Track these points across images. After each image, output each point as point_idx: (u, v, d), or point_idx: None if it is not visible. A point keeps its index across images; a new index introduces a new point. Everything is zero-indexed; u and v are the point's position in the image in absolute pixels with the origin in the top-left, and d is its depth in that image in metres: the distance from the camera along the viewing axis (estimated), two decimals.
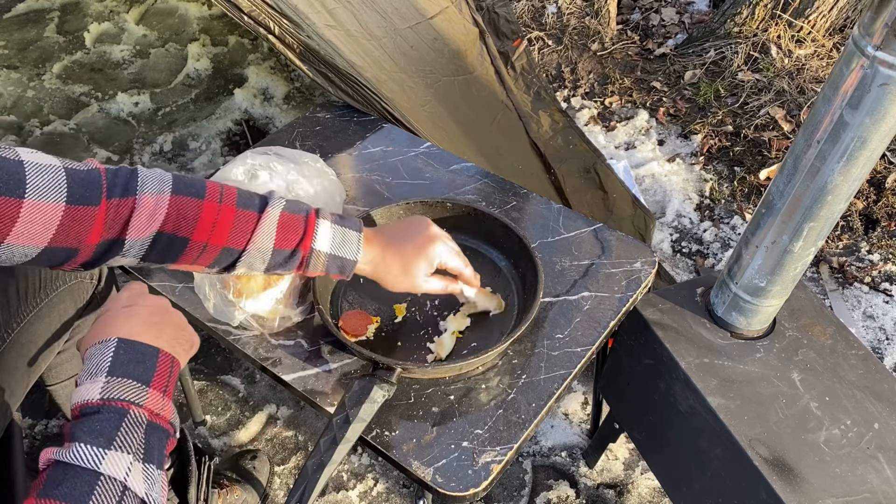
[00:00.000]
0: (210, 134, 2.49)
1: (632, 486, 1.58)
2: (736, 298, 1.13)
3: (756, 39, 2.64)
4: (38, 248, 0.75)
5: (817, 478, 1.00)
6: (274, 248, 0.89)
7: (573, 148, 1.99)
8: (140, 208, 0.81)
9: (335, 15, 1.52)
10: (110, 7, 3.09)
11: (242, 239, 0.87)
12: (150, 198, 0.81)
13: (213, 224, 0.85)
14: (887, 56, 0.80)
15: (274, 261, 0.90)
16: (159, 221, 0.82)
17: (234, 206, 0.87)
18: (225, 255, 0.88)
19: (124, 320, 0.79)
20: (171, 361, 0.78)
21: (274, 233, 0.88)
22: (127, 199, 0.80)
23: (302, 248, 0.90)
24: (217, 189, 0.87)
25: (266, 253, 0.89)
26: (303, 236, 0.90)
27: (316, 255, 0.91)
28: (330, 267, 0.93)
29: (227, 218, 0.86)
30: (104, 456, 0.66)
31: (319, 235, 0.91)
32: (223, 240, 0.86)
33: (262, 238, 0.88)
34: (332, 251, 0.92)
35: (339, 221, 0.93)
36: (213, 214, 0.85)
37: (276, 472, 1.59)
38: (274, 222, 0.88)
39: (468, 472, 0.93)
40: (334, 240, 0.92)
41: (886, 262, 2.06)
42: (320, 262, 0.92)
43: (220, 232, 0.86)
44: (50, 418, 1.66)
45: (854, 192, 0.96)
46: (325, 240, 0.91)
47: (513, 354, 1.07)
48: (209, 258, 0.88)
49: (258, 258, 0.89)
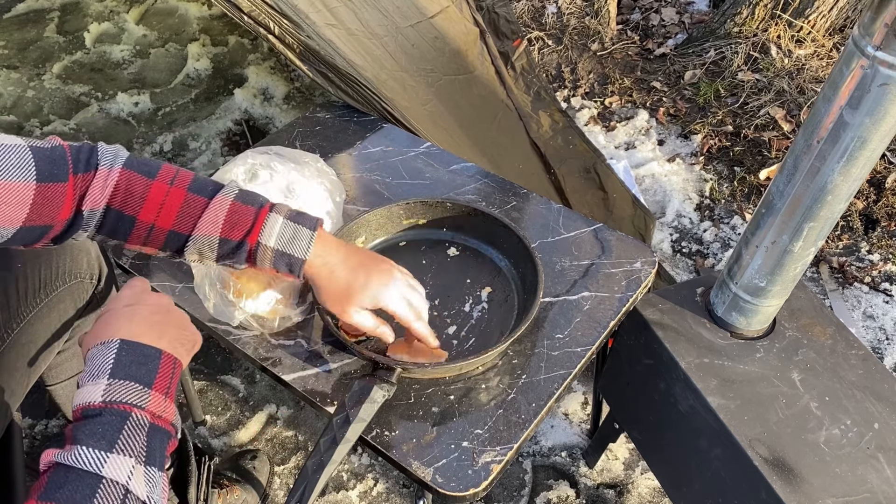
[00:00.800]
0: (210, 134, 2.49)
1: (632, 486, 1.58)
2: (736, 298, 1.13)
3: (756, 39, 2.64)
4: (14, 229, 0.76)
5: (817, 478, 1.00)
6: (220, 236, 0.87)
7: (573, 148, 1.99)
8: (96, 179, 0.83)
9: (336, 14, 1.52)
10: (110, 7, 3.09)
11: (189, 223, 0.86)
12: (104, 170, 0.83)
13: (160, 205, 0.85)
14: (887, 56, 0.80)
15: (222, 250, 0.88)
16: (109, 192, 0.83)
17: (185, 190, 0.86)
18: (172, 238, 0.87)
19: (127, 320, 0.78)
20: (173, 363, 0.77)
21: (221, 221, 0.87)
22: (89, 174, 0.83)
23: (249, 240, 0.88)
24: (171, 172, 0.87)
25: (213, 241, 0.87)
26: (251, 228, 0.88)
27: (262, 249, 0.89)
28: (278, 263, 0.90)
29: (175, 201, 0.86)
30: (106, 459, 0.66)
31: (267, 228, 0.88)
32: (169, 223, 0.86)
33: (209, 225, 0.86)
34: (280, 246, 0.89)
35: (294, 217, 0.91)
36: (160, 195, 0.85)
37: (276, 472, 1.59)
38: (223, 210, 0.87)
39: (468, 472, 0.93)
40: (283, 235, 0.89)
41: (886, 262, 2.06)
42: (267, 257, 0.90)
43: (167, 215, 0.86)
44: (50, 418, 1.66)
45: (854, 192, 0.96)
46: (273, 234, 0.89)
47: (513, 354, 1.07)
48: (158, 240, 0.87)
49: (206, 245, 0.88)
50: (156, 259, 1.22)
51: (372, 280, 0.93)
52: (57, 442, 1.61)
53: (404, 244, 1.23)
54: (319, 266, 0.92)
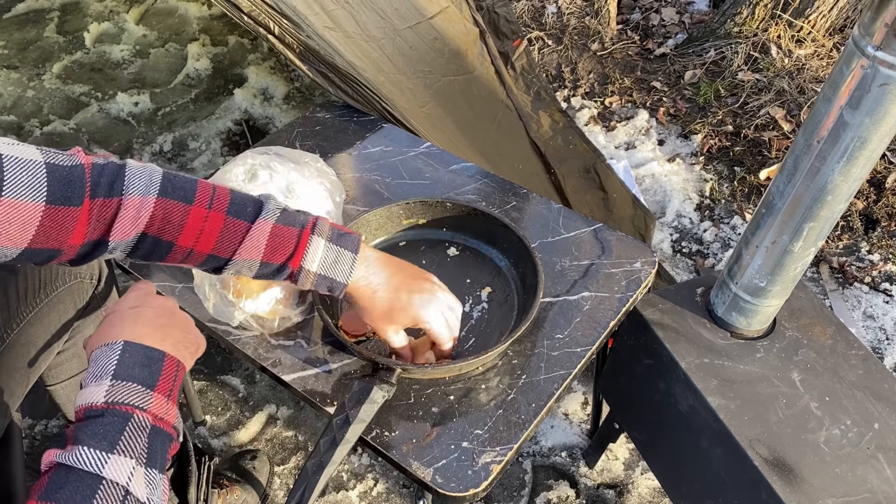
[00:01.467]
0: (210, 134, 2.49)
1: (632, 486, 1.58)
2: (736, 298, 1.13)
3: (756, 39, 2.64)
4: (18, 250, 0.72)
5: (817, 478, 1.00)
6: (262, 260, 0.86)
7: (573, 148, 1.99)
8: (125, 209, 0.78)
9: (334, 17, 1.52)
10: (110, 7, 3.09)
11: (229, 249, 0.85)
12: (136, 199, 0.79)
13: (199, 231, 0.83)
14: (887, 56, 0.80)
15: (262, 272, 0.88)
16: (143, 223, 0.80)
17: (224, 213, 0.84)
18: (210, 261, 0.87)
19: (131, 322, 0.78)
20: (176, 365, 0.77)
21: (263, 246, 0.85)
22: (112, 200, 0.77)
23: (291, 265, 0.87)
24: (208, 193, 0.84)
25: (253, 264, 0.87)
26: (293, 253, 0.87)
27: (305, 273, 0.88)
28: (319, 286, 0.90)
29: (214, 225, 0.83)
30: (107, 460, 0.66)
31: (310, 253, 0.87)
32: (209, 247, 0.84)
33: (250, 250, 0.85)
34: (322, 271, 0.89)
35: (336, 239, 0.90)
36: (200, 221, 0.82)
37: (276, 472, 1.59)
38: (264, 235, 0.85)
39: (468, 472, 0.93)
40: (326, 259, 0.88)
41: (886, 262, 2.06)
42: (310, 279, 0.89)
43: (206, 240, 0.83)
44: (50, 418, 1.66)
45: (854, 192, 0.96)
46: (315, 258, 0.88)
47: (513, 354, 1.07)
48: (195, 261, 0.87)
49: (245, 267, 0.87)
50: None
51: (413, 301, 0.93)
52: (58, 442, 1.61)
53: (404, 244, 1.23)
54: (363, 287, 0.92)
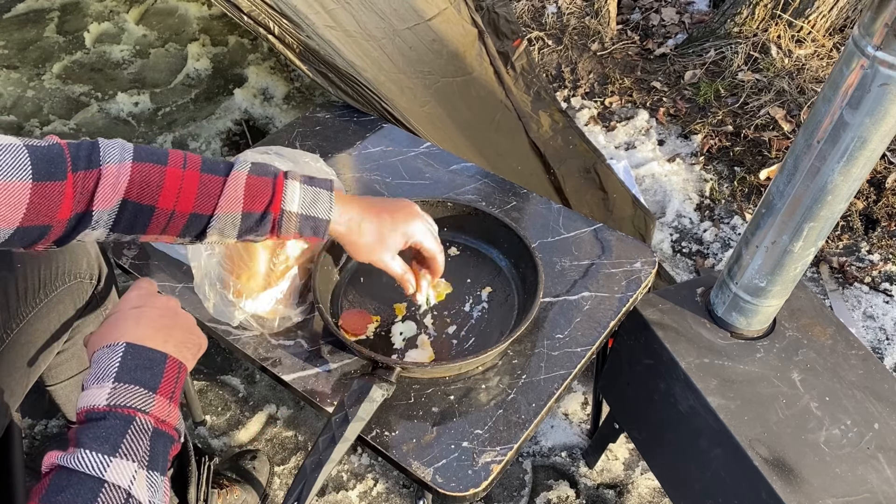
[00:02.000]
0: (210, 134, 2.49)
1: (632, 486, 1.58)
2: (736, 298, 1.13)
3: (756, 39, 2.64)
4: (11, 230, 0.74)
5: (817, 478, 1.00)
6: (243, 211, 0.87)
7: (573, 148, 1.99)
8: (104, 178, 0.81)
9: (334, 16, 1.52)
10: (110, 7, 3.09)
11: (209, 204, 0.86)
12: (114, 167, 0.81)
13: (178, 190, 0.84)
14: (887, 56, 0.80)
15: (245, 225, 0.88)
16: (123, 189, 0.81)
17: (199, 171, 0.86)
18: (193, 221, 0.87)
19: (133, 323, 0.78)
20: (178, 367, 0.77)
21: (241, 196, 0.86)
22: (92, 171, 0.80)
23: (272, 210, 0.88)
24: (180, 156, 0.86)
25: (236, 218, 0.87)
26: (272, 198, 0.88)
27: (287, 216, 0.89)
28: (303, 228, 0.90)
29: (191, 183, 0.85)
30: (109, 463, 0.65)
31: (288, 196, 0.89)
32: (189, 206, 0.85)
33: (230, 202, 0.86)
34: (304, 210, 0.89)
35: (309, 182, 0.91)
36: (177, 180, 0.84)
37: (276, 472, 1.59)
38: (241, 185, 0.86)
39: (468, 472, 0.93)
40: (304, 199, 0.89)
41: (886, 262, 2.06)
42: (292, 223, 0.90)
43: (186, 198, 0.85)
44: (50, 418, 1.66)
45: (854, 192, 0.96)
46: (294, 200, 0.89)
47: (513, 354, 1.07)
48: (177, 226, 0.87)
49: (228, 223, 0.87)
50: (156, 259, 1.22)
51: (398, 219, 0.96)
52: (58, 443, 1.61)
53: None
54: (345, 222, 0.93)
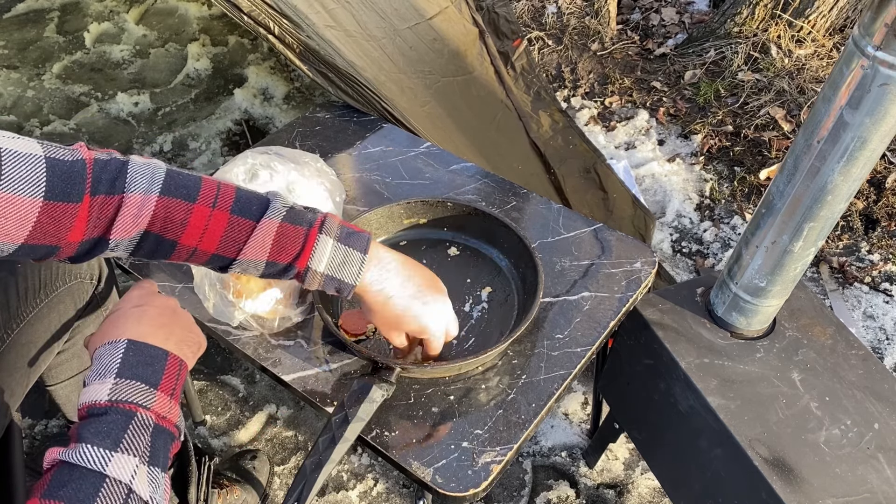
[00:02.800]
0: (210, 134, 2.49)
1: (632, 486, 1.58)
2: (736, 298, 1.13)
3: (756, 39, 2.64)
4: (14, 245, 0.71)
5: (817, 478, 1.00)
6: (267, 260, 0.84)
7: (573, 148, 1.99)
8: (126, 207, 0.77)
9: (334, 15, 1.52)
10: (110, 7, 3.09)
11: (234, 249, 0.83)
12: (139, 197, 0.77)
13: (203, 230, 0.81)
14: (887, 56, 0.80)
15: (268, 271, 0.86)
16: (145, 222, 0.78)
17: (228, 213, 0.82)
18: (214, 260, 0.85)
19: (134, 321, 0.78)
20: (179, 364, 0.77)
21: (269, 246, 0.83)
22: (113, 198, 0.76)
23: (297, 265, 0.85)
24: (212, 191, 0.82)
25: (259, 264, 0.85)
26: (300, 252, 0.84)
27: (312, 273, 0.86)
28: (327, 286, 0.88)
29: (218, 225, 0.81)
30: (110, 458, 0.66)
31: (317, 254, 0.85)
32: (213, 247, 0.83)
33: (255, 250, 0.83)
34: (330, 272, 0.86)
35: (345, 238, 0.87)
36: (203, 220, 0.80)
37: (276, 472, 1.59)
38: (270, 235, 0.83)
39: (468, 472, 0.93)
40: (334, 260, 0.86)
41: (886, 262, 2.06)
42: (316, 280, 0.87)
43: (210, 239, 0.82)
44: (50, 418, 1.66)
45: (854, 192, 0.96)
46: (323, 260, 0.85)
47: (513, 354, 1.07)
48: (200, 260, 0.85)
49: (251, 266, 0.86)
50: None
51: (425, 313, 0.93)
52: (59, 441, 1.61)
53: (405, 243, 1.23)
54: (375, 292, 0.90)
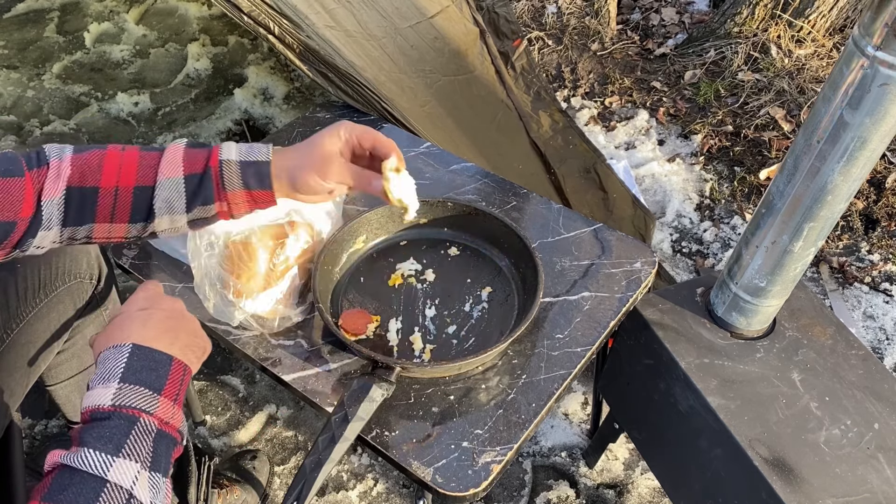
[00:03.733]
0: (210, 134, 2.49)
1: (632, 486, 1.58)
2: (736, 298, 1.13)
3: (756, 39, 2.64)
4: None
5: (817, 478, 1.00)
6: (184, 174, 0.87)
7: (573, 148, 1.99)
8: (50, 171, 0.85)
9: (334, 15, 1.52)
10: (110, 7, 3.09)
11: (150, 174, 0.87)
12: (56, 161, 0.86)
13: (118, 167, 0.87)
14: (887, 56, 0.80)
15: (189, 190, 0.87)
16: (66, 176, 0.85)
17: (138, 151, 0.89)
18: (138, 197, 0.87)
19: (140, 325, 0.78)
20: (183, 369, 0.77)
21: (181, 161, 0.87)
22: (42, 168, 0.85)
23: (211, 164, 0.87)
24: (119, 145, 0.90)
25: (179, 183, 0.87)
26: (209, 155, 0.88)
27: (227, 165, 0.87)
28: (247, 177, 0.88)
29: (131, 160, 0.87)
30: (112, 463, 0.66)
31: (225, 150, 0.89)
32: (132, 179, 0.87)
33: (170, 167, 0.87)
34: (242, 157, 0.88)
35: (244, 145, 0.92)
36: (116, 159, 0.87)
37: (276, 472, 1.59)
38: (178, 153, 0.88)
39: (468, 472, 0.93)
40: (241, 150, 0.89)
41: (886, 262, 2.06)
42: (234, 173, 0.88)
43: (127, 172, 0.87)
44: (50, 418, 1.66)
45: (854, 192, 0.96)
46: (231, 151, 0.89)
47: (513, 354, 1.07)
48: (125, 207, 0.87)
49: (173, 192, 0.87)
50: (156, 259, 1.22)
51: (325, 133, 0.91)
52: (60, 443, 1.61)
53: (405, 243, 1.23)
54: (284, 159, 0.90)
